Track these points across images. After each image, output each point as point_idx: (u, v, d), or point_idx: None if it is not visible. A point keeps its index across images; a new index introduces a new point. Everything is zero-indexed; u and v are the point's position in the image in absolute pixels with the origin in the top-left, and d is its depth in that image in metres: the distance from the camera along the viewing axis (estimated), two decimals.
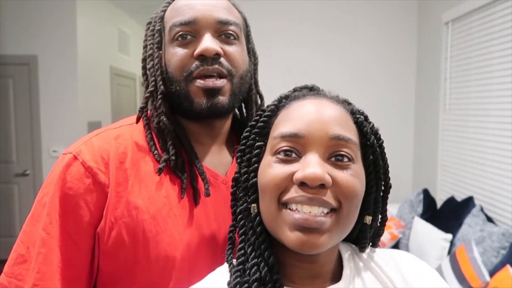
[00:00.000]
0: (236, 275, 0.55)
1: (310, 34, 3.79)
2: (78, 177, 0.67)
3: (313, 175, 0.49)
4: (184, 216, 0.70)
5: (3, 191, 3.97)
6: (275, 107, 0.60)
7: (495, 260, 2.19)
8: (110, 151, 0.69)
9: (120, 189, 0.67)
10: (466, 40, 2.99)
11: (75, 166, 0.67)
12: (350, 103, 0.62)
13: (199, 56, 0.69)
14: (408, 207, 3.18)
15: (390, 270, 0.60)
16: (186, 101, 0.71)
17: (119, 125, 0.76)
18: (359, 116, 0.58)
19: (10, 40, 3.83)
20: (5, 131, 3.92)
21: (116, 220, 0.66)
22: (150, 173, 0.70)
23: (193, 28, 0.71)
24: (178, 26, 0.71)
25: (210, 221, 0.72)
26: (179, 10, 0.73)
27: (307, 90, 0.63)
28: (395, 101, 3.84)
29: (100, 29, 4.43)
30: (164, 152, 0.71)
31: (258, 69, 0.86)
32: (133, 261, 0.67)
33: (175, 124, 0.74)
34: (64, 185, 0.67)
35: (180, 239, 0.68)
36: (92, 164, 0.67)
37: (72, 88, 3.88)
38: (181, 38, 0.71)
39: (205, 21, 0.71)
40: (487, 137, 2.71)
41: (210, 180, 0.74)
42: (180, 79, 0.71)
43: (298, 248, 0.51)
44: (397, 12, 3.78)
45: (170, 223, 0.68)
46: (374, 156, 0.58)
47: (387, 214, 0.64)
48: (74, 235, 0.66)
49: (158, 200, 0.69)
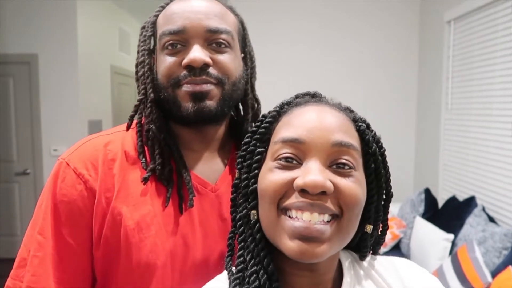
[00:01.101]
0: (235, 283, 0.55)
1: (310, 33, 3.78)
2: (71, 184, 0.69)
3: (314, 182, 0.49)
4: (168, 224, 0.70)
5: (4, 190, 3.97)
6: (277, 113, 0.60)
7: (497, 261, 2.18)
8: (99, 157, 0.71)
9: (109, 195, 0.69)
10: (468, 39, 2.97)
11: (67, 173, 0.70)
12: (352, 110, 0.61)
13: (187, 66, 0.69)
14: (409, 207, 3.18)
15: (391, 278, 0.59)
16: (174, 106, 0.71)
17: (112, 131, 0.77)
18: (361, 124, 0.58)
19: (11, 38, 3.83)
20: (5, 130, 3.92)
21: (104, 225, 0.68)
22: (137, 180, 0.71)
23: (182, 37, 0.70)
24: (168, 35, 0.71)
25: (195, 230, 0.72)
26: (169, 17, 0.72)
27: (309, 97, 0.63)
28: (397, 100, 3.83)
29: (100, 27, 4.43)
30: (152, 160, 0.72)
31: (257, 70, 0.84)
32: (116, 266, 0.68)
33: (166, 131, 0.74)
34: (59, 192, 0.69)
35: (162, 247, 0.68)
36: (83, 171, 0.69)
37: (73, 86, 3.87)
38: (171, 46, 0.71)
39: (194, 30, 0.70)
40: (489, 136, 2.70)
41: (198, 188, 0.74)
42: (168, 85, 0.71)
43: (298, 257, 0.50)
44: (399, 11, 3.77)
45: (153, 230, 0.69)
46: (376, 165, 0.57)
47: (389, 213, 0.63)
48: (70, 239, 0.68)
49: (143, 207, 0.69)
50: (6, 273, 0.70)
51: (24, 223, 4.01)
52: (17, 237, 4.01)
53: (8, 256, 3.96)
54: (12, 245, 3.97)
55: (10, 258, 4.65)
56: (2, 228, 3.98)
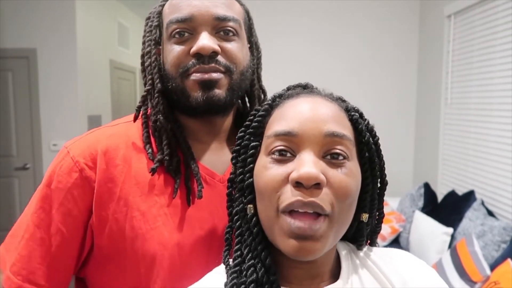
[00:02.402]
0: (232, 277, 0.55)
1: (309, 28, 3.77)
2: (67, 171, 0.69)
3: (307, 175, 0.49)
4: (175, 215, 0.69)
5: (3, 185, 3.97)
6: (269, 106, 0.59)
7: (495, 254, 2.20)
8: (98, 147, 0.70)
9: (112, 185, 0.68)
10: (468, 33, 2.97)
11: (66, 160, 0.70)
12: (344, 100, 0.61)
13: (195, 54, 0.68)
14: (409, 201, 3.18)
15: (388, 269, 0.59)
16: (183, 96, 0.71)
17: (117, 123, 0.77)
18: (353, 113, 0.57)
19: (9, 33, 3.81)
20: (5, 125, 3.92)
21: (109, 216, 0.68)
22: (143, 171, 0.70)
23: (190, 25, 0.70)
24: (175, 23, 0.70)
25: (204, 221, 0.71)
26: (176, 6, 0.72)
27: (301, 88, 0.62)
28: (397, 95, 3.83)
29: (99, 22, 4.41)
30: (159, 151, 0.71)
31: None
32: (123, 257, 0.68)
33: (173, 122, 0.73)
34: (56, 178, 0.69)
35: (170, 238, 0.68)
36: (80, 159, 0.69)
37: (72, 81, 3.86)
38: (178, 35, 0.70)
39: (202, 18, 0.70)
40: (489, 131, 2.70)
41: (206, 179, 0.74)
42: (176, 75, 0.70)
43: (294, 256, 0.50)
44: (399, 5, 3.76)
45: (160, 221, 0.68)
46: (370, 153, 0.57)
47: (388, 208, 0.63)
48: (61, 226, 0.68)
49: (150, 198, 0.69)
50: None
51: None
52: None
53: None
54: None
55: None
56: (1, 223, 3.98)
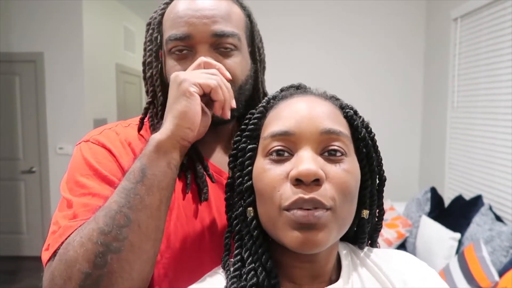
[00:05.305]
0: (232, 281, 0.54)
1: (316, 31, 3.76)
2: (96, 148, 0.70)
3: (307, 171, 0.49)
4: (188, 209, 0.71)
5: (10, 188, 4.00)
6: (264, 108, 0.60)
7: (504, 260, 2.17)
8: (116, 139, 0.72)
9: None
10: (475, 36, 2.95)
11: (89, 145, 0.71)
12: (338, 98, 0.62)
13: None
14: (415, 206, 3.16)
15: (388, 269, 0.59)
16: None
17: (129, 123, 0.79)
18: (348, 110, 0.58)
19: (16, 37, 3.85)
20: (11, 128, 3.95)
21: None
22: None
23: (188, 43, 0.70)
24: (173, 40, 0.71)
25: (213, 217, 0.73)
26: (174, 21, 0.72)
27: (294, 89, 0.63)
28: (403, 98, 3.81)
29: (105, 26, 4.44)
30: None
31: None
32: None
33: None
34: (90, 148, 0.70)
35: (182, 231, 0.69)
36: (103, 141, 0.71)
37: (78, 85, 3.89)
38: (178, 51, 0.71)
39: (200, 36, 0.70)
40: (496, 135, 2.68)
41: (214, 176, 0.75)
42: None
43: (299, 248, 0.50)
44: (405, 8, 3.75)
45: (174, 214, 0.69)
46: (367, 149, 0.58)
47: (394, 212, 0.62)
48: (111, 176, 0.67)
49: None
50: (14, 271, 0.68)
51: (30, 221, 4.03)
52: (22, 235, 4.03)
53: (14, 254, 3.98)
54: (18, 243, 3.99)
55: (16, 256, 4.70)
56: (7, 226, 4.00)
